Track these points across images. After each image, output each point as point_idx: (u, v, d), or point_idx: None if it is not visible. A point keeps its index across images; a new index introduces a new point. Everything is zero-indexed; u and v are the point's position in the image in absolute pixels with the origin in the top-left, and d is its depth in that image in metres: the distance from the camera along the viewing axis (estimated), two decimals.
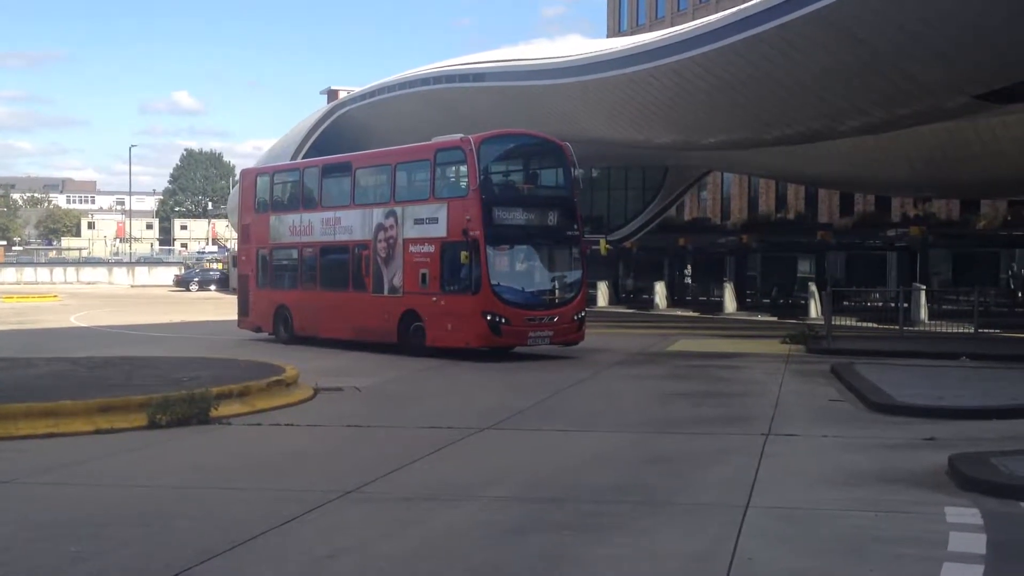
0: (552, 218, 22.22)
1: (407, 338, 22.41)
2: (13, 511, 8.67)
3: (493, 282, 20.91)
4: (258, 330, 27.26)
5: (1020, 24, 19.99)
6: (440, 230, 21.71)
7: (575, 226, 22.43)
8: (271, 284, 27.20)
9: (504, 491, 9.27)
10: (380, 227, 23.31)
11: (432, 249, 21.90)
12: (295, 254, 26.52)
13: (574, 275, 22.40)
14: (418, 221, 22.35)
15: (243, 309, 28.20)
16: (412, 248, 22.41)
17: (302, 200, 26.50)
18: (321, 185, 26.05)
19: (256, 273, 27.59)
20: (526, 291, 21.84)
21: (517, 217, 21.72)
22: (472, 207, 20.99)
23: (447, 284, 21.62)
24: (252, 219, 28.10)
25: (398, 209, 22.90)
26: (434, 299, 21.78)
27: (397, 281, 22.80)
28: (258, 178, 28.81)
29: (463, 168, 21.73)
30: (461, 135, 21.91)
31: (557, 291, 22.26)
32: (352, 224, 24.34)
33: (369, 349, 23.04)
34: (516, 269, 22.12)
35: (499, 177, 22.90)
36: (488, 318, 20.81)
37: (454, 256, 21.19)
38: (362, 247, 23.89)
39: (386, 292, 23.13)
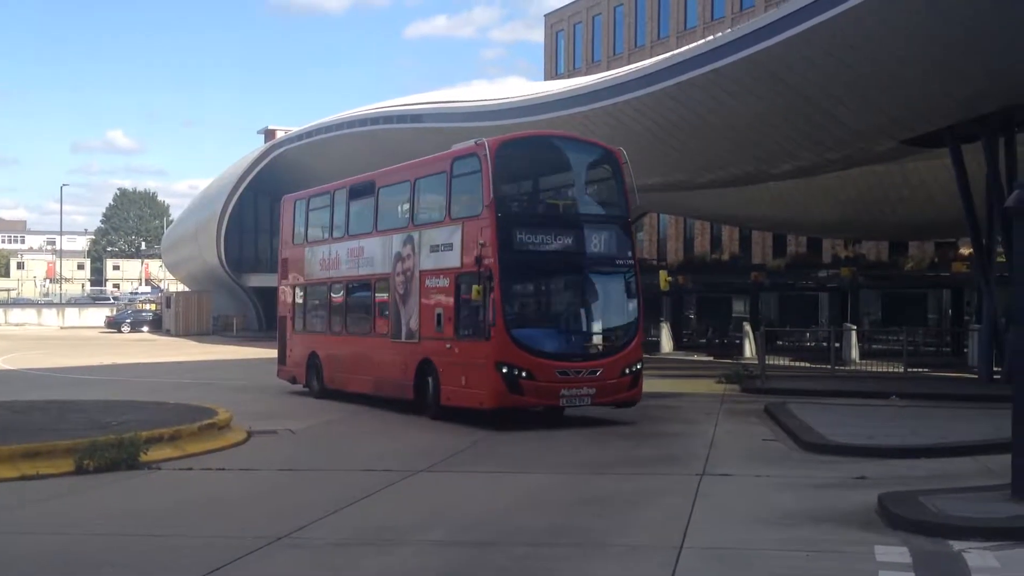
0: (596, 242, 17.25)
1: (424, 395, 18.04)
2: None
3: (511, 324, 16.40)
4: (293, 380, 23.47)
5: (941, 74, 20.62)
6: (454, 259, 17.28)
7: (628, 253, 17.51)
8: (305, 327, 23.27)
9: (438, 535, 9.22)
10: (398, 257, 19.07)
11: (447, 283, 17.48)
12: (324, 292, 22.52)
13: (626, 315, 17.44)
14: (434, 248, 18.02)
15: (281, 356, 24.33)
16: (428, 282, 18.05)
17: (331, 228, 22.34)
18: (348, 210, 21.70)
19: (292, 314, 23.87)
20: (557, 336, 17.12)
21: (547, 241, 16.94)
22: (486, 228, 16.45)
23: (462, 327, 17.10)
24: (289, 252, 24.37)
25: (415, 234, 18.62)
26: (448, 346, 17.35)
27: (414, 324, 18.39)
28: (296, 204, 24.25)
29: (479, 180, 16.90)
30: (477, 139, 17.35)
31: (602, 336, 17.29)
32: (373, 254, 20.21)
33: (382, 405, 19.64)
34: (544, 308, 18.06)
35: (522, 190, 18.81)
36: (504, 371, 16.08)
37: (469, 291, 16.79)
38: (382, 282, 19.75)
39: (403, 337, 18.75)
